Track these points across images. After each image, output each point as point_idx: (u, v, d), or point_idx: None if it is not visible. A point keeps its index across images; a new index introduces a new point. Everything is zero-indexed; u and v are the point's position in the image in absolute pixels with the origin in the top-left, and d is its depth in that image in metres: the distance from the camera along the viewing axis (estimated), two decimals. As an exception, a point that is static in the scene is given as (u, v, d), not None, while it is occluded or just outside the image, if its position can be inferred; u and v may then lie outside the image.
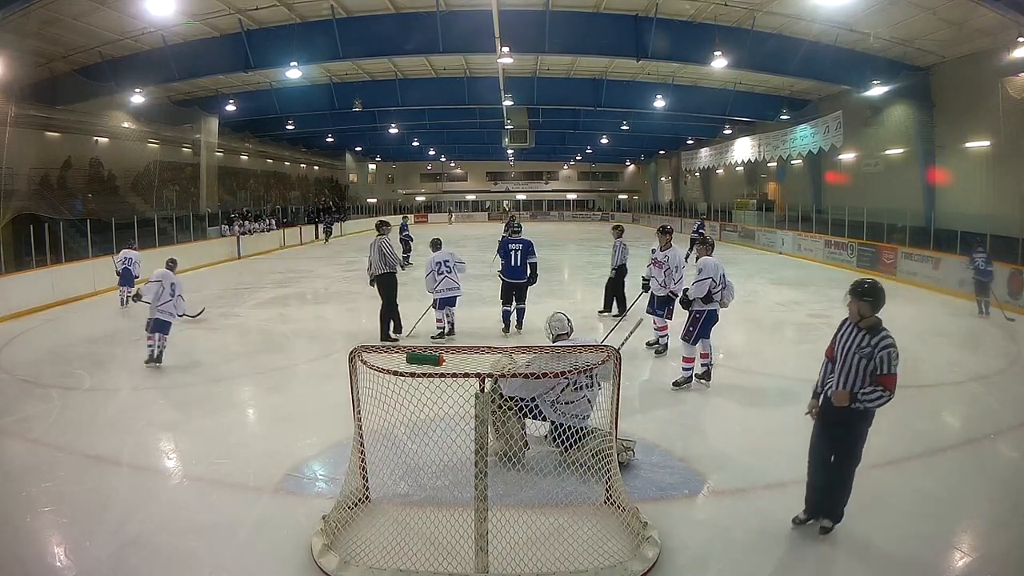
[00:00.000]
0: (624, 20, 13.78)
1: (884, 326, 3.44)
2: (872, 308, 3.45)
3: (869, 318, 3.47)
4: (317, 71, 18.83)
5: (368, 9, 13.66)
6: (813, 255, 18.36)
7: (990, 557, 3.46)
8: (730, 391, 6.09)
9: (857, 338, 3.45)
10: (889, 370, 3.36)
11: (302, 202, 32.60)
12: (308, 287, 13.76)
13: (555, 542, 3.31)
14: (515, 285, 8.40)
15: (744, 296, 11.96)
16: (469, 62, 18.60)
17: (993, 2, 10.37)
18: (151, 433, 5.30)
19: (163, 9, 11.47)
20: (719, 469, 4.44)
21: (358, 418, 3.65)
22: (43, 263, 11.80)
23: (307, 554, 3.33)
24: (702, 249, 6.27)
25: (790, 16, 13.29)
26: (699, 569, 3.30)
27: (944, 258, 12.66)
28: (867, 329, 3.43)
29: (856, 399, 3.38)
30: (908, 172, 17.11)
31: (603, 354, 3.71)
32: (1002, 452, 4.90)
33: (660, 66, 17.83)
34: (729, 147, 26.80)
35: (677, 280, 7.04)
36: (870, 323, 3.46)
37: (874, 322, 3.46)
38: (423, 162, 42.97)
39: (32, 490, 4.16)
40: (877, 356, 3.36)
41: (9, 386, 6.56)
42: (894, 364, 3.37)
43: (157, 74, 14.87)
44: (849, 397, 3.39)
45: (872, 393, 3.37)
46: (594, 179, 46.65)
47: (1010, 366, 7.24)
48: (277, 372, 7.11)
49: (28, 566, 3.34)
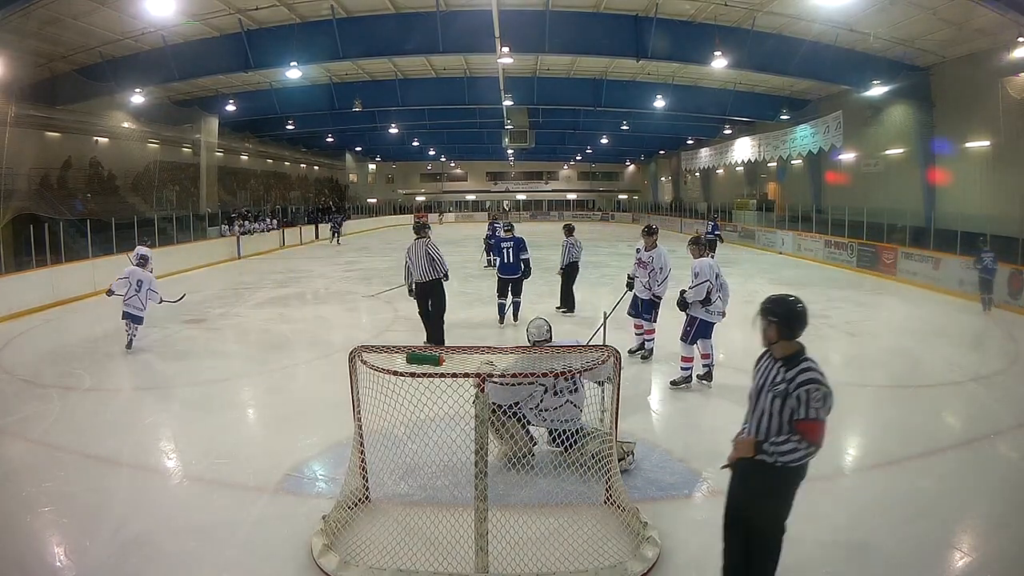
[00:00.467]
0: (624, 20, 13.79)
1: (808, 356, 2.68)
2: (781, 331, 2.72)
3: (782, 344, 2.73)
4: (317, 71, 18.83)
5: (368, 9, 13.66)
6: (813, 255, 18.36)
7: (990, 557, 3.46)
8: (730, 391, 6.08)
9: (773, 371, 2.73)
10: (807, 414, 2.57)
11: (302, 202, 32.62)
12: (308, 287, 13.76)
13: (555, 542, 3.31)
14: (509, 280, 9.05)
15: (744, 296, 11.94)
16: (469, 62, 18.60)
17: (993, 2, 10.38)
18: (151, 433, 5.31)
19: (163, 9, 11.47)
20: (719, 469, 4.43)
21: (358, 418, 3.65)
22: (43, 263, 11.79)
23: (307, 554, 3.33)
24: (695, 250, 6.14)
25: (790, 16, 13.29)
26: (699, 569, 3.30)
27: (944, 258, 12.67)
28: (783, 360, 2.71)
29: (761, 449, 2.65)
30: (908, 172, 17.13)
31: (603, 354, 3.70)
32: (1002, 452, 4.90)
33: (660, 66, 17.84)
34: (729, 147, 26.81)
35: (661, 282, 6.84)
36: (785, 351, 2.72)
37: (791, 350, 2.71)
38: (423, 162, 42.97)
39: (32, 490, 4.16)
40: (794, 395, 2.60)
41: (9, 386, 6.56)
42: (817, 406, 2.56)
43: (157, 74, 14.88)
44: (753, 446, 2.68)
45: (784, 444, 2.59)
46: (594, 179, 46.66)
47: (1010, 366, 7.24)
48: (277, 372, 7.11)
49: (28, 566, 3.34)
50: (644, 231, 7.16)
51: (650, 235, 7.04)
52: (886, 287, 13.31)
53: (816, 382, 2.59)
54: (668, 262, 6.96)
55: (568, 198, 46.74)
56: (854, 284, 13.68)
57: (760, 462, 2.65)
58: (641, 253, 7.05)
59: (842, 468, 4.56)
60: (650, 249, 6.96)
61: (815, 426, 2.58)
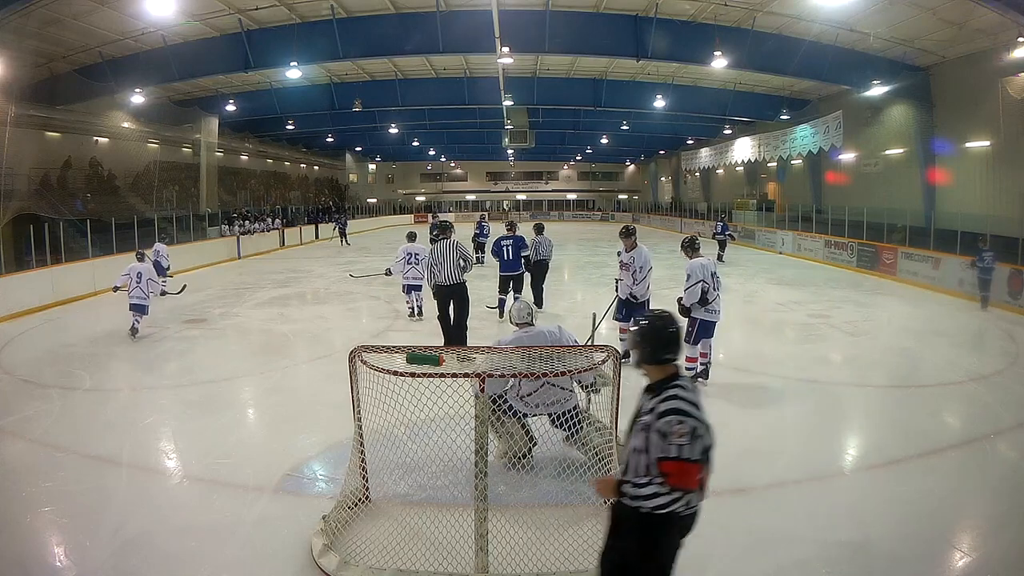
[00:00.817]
0: (624, 20, 13.80)
1: (681, 383, 2.27)
2: (643, 354, 2.33)
3: (650, 369, 2.34)
4: (317, 71, 18.84)
5: (368, 9, 13.67)
6: (813, 255, 18.36)
7: (990, 557, 3.46)
8: (730, 391, 6.09)
9: (642, 399, 2.35)
10: (667, 451, 2.15)
11: (302, 202, 32.62)
12: (308, 287, 13.76)
13: (555, 542, 3.30)
14: (510, 277, 9.29)
15: (744, 296, 11.98)
16: (469, 62, 18.60)
17: (993, 2, 10.38)
18: (151, 433, 5.31)
19: (163, 9, 11.50)
20: (719, 469, 4.39)
21: (358, 418, 3.65)
22: (43, 263, 11.80)
23: (307, 554, 3.33)
24: (688, 252, 6.09)
25: (790, 16, 13.30)
26: (699, 569, 3.29)
27: (944, 258, 12.67)
28: (652, 387, 2.32)
29: (621, 491, 2.26)
30: (908, 172, 17.13)
31: (603, 354, 3.70)
32: (1002, 452, 4.90)
33: (660, 66, 17.84)
34: (729, 147, 26.81)
35: (639, 281, 6.62)
36: (654, 377, 2.33)
37: (660, 376, 2.31)
38: (423, 162, 42.99)
39: (32, 490, 4.17)
40: (655, 427, 2.19)
41: (9, 386, 6.56)
42: (682, 442, 2.14)
43: (157, 74, 14.89)
44: (614, 487, 2.29)
45: (644, 486, 2.19)
46: (594, 179, 46.66)
47: (1010, 366, 7.24)
48: (277, 372, 7.11)
49: (28, 566, 3.34)
50: (622, 233, 6.90)
51: (628, 236, 6.81)
52: (886, 287, 13.32)
53: (679, 412, 2.17)
54: (649, 261, 6.70)
55: (568, 198, 46.75)
56: (854, 284, 13.68)
57: (627, 506, 2.26)
58: (622, 255, 6.84)
59: (842, 468, 4.57)
60: (630, 250, 6.75)
61: (679, 467, 2.14)
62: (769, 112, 20.87)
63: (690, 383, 2.34)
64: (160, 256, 12.42)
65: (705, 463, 2.27)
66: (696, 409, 2.23)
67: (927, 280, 12.97)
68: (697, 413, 2.23)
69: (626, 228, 6.99)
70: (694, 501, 2.28)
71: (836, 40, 14.09)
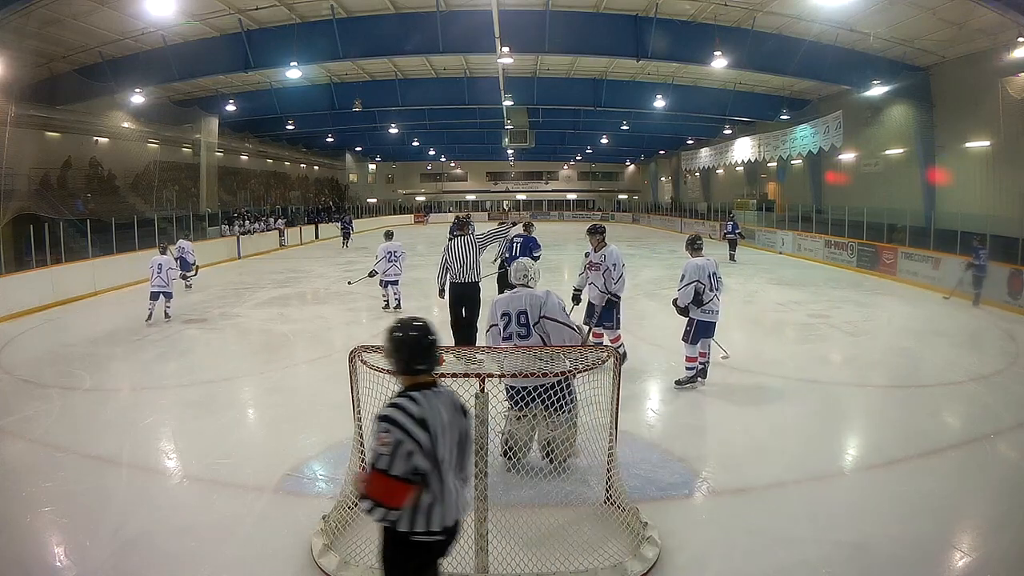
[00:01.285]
0: (624, 20, 13.80)
1: (415, 394, 2.15)
2: (398, 365, 2.24)
3: (400, 377, 2.27)
4: (317, 71, 18.84)
5: (368, 9, 13.67)
6: (813, 255, 18.36)
7: (990, 557, 3.46)
8: (730, 391, 6.09)
9: None
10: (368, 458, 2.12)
11: (302, 202, 32.62)
12: (308, 287, 13.76)
13: (555, 542, 3.31)
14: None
15: (744, 296, 11.97)
16: (469, 62, 18.60)
17: (993, 2, 10.38)
18: (151, 433, 5.30)
19: (163, 9, 11.49)
20: (719, 469, 4.44)
21: (358, 418, 3.65)
22: (43, 263, 11.80)
23: (307, 554, 3.33)
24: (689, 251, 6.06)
25: (790, 16, 13.30)
26: (699, 569, 3.30)
27: (944, 258, 12.67)
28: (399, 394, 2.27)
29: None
30: (908, 172, 17.13)
31: (603, 354, 3.70)
32: (1002, 452, 4.90)
33: (660, 66, 17.84)
34: (729, 147, 26.81)
35: (617, 279, 6.31)
36: (404, 385, 2.24)
37: (408, 384, 2.23)
38: (423, 162, 42.99)
39: (32, 490, 4.17)
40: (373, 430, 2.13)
41: (9, 386, 6.56)
42: (382, 451, 2.02)
43: (157, 74, 14.90)
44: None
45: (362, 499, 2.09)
46: (594, 179, 46.68)
47: (1010, 366, 7.24)
48: (277, 372, 7.11)
49: (28, 566, 3.34)
50: (590, 231, 6.60)
51: (594, 234, 6.53)
52: (886, 287, 13.31)
53: (390, 421, 2.04)
54: (621, 259, 6.41)
55: (568, 198, 46.76)
56: (854, 284, 13.68)
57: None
58: (591, 255, 6.53)
59: (842, 468, 4.57)
60: (599, 249, 6.48)
61: (372, 477, 2.02)
62: (769, 112, 20.87)
63: (435, 397, 2.18)
64: (185, 252, 12.82)
65: (421, 485, 2.08)
66: (417, 426, 2.06)
67: (927, 280, 12.96)
68: (415, 430, 2.05)
69: (594, 226, 6.66)
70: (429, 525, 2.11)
71: (836, 40, 14.09)
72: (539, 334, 4.22)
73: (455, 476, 2.22)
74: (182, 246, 13.07)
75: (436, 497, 2.12)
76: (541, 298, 4.28)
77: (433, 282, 7.68)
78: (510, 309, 4.30)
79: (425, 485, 2.10)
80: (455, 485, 2.20)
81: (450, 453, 2.17)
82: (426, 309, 11.15)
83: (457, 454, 2.23)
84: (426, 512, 2.11)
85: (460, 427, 2.25)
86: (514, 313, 4.27)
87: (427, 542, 2.14)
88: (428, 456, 2.08)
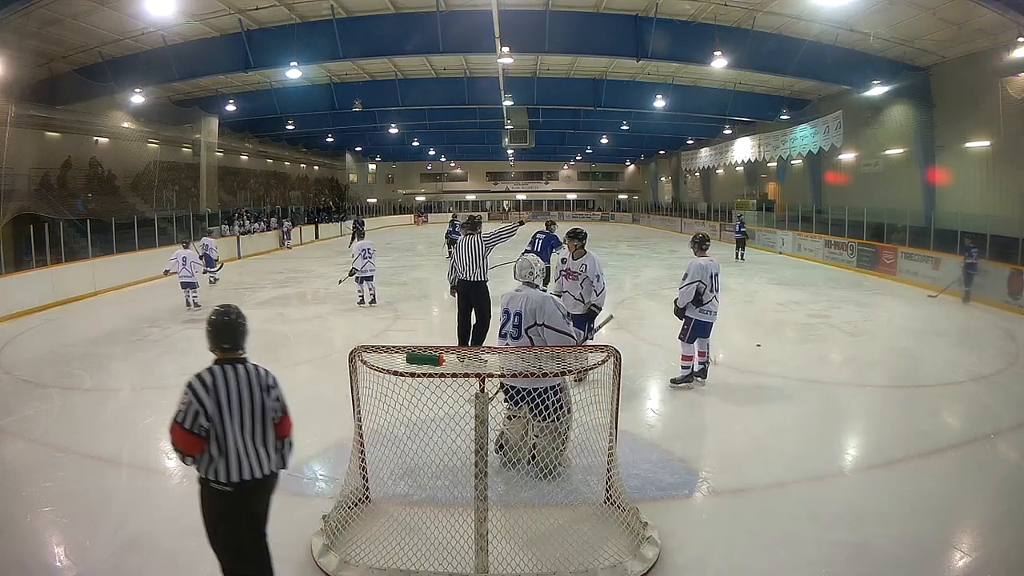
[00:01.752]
0: (624, 20, 13.80)
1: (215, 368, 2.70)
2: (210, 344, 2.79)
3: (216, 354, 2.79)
4: (317, 71, 18.83)
5: (368, 9, 13.67)
6: (813, 255, 18.36)
7: (990, 557, 3.46)
8: (730, 391, 6.09)
9: None
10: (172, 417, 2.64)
11: (302, 202, 32.62)
12: (308, 287, 13.76)
13: (555, 542, 3.31)
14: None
15: (744, 296, 11.98)
16: (469, 62, 18.60)
17: (993, 2, 10.38)
18: (151, 433, 5.29)
19: (163, 9, 11.49)
20: (719, 469, 4.44)
21: (358, 418, 3.65)
22: (43, 263, 11.80)
23: (307, 554, 3.33)
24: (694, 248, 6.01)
25: (790, 16, 13.30)
26: (699, 569, 3.30)
27: (944, 258, 12.67)
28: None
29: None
30: (908, 172, 17.12)
31: (603, 354, 3.69)
32: (1002, 452, 4.90)
33: (660, 66, 17.84)
34: (729, 147, 26.81)
35: (599, 291, 5.89)
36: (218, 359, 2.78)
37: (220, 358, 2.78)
38: (423, 162, 42.97)
39: (32, 490, 4.17)
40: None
41: (9, 386, 6.56)
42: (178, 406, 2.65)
43: (157, 74, 14.89)
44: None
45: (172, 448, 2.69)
46: (594, 179, 46.66)
47: (1010, 366, 7.24)
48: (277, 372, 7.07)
49: (28, 566, 3.34)
50: (568, 236, 6.18)
51: (573, 239, 6.07)
52: (886, 287, 13.31)
53: (189, 386, 2.61)
54: (600, 268, 5.96)
55: (568, 198, 46.74)
56: (854, 284, 13.68)
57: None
58: (569, 262, 6.07)
59: (842, 468, 4.57)
60: (578, 256, 5.99)
61: (172, 429, 2.63)
62: (769, 112, 20.87)
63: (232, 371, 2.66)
64: (209, 249, 13.43)
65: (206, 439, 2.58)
66: (206, 393, 2.59)
67: (927, 280, 12.96)
68: (203, 395, 2.59)
69: (574, 231, 6.17)
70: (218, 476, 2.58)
71: (836, 40, 14.09)
72: (529, 337, 4.21)
73: (249, 440, 2.64)
74: (206, 243, 13.73)
75: (220, 452, 2.59)
76: (538, 302, 4.26)
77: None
78: (510, 308, 4.30)
79: (209, 441, 2.58)
80: (244, 448, 2.62)
81: (239, 419, 2.63)
82: (425, 308, 11.18)
83: (251, 423, 2.66)
84: (214, 465, 2.59)
85: (257, 401, 2.69)
86: (512, 312, 4.28)
87: (219, 491, 2.60)
88: (213, 418, 2.58)
